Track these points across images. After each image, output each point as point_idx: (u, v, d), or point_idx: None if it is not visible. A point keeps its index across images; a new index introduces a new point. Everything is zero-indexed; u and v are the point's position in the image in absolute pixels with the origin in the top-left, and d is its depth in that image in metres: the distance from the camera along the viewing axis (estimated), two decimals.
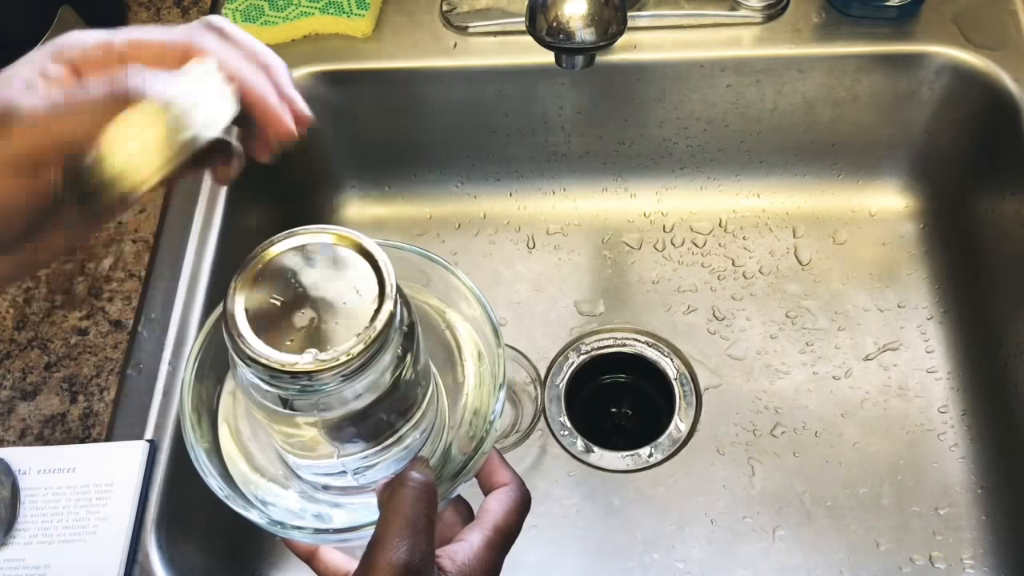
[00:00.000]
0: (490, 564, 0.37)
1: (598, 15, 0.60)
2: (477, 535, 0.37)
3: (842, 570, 0.66)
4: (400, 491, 0.35)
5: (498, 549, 0.38)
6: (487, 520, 0.38)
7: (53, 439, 0.59)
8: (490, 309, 0.40)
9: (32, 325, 0.63)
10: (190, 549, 0.60)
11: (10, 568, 0.54)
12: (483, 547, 0.37)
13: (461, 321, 0.41)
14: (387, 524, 0.34)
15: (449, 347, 0.41)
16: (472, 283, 0.40)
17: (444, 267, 0.41)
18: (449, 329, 0.41)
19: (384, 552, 0.33)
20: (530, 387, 0.72)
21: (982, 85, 0.70)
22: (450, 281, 0.41)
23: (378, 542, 0.34)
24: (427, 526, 0.35)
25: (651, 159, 0.81)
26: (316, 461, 0.37)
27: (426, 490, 0.35)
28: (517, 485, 0.40)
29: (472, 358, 0.41)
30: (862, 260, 0.78)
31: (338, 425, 0.34)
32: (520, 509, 0.39)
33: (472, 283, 0.40)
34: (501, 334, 0.39)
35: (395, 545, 0.33)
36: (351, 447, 0.36)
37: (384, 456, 0.37)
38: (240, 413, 0.39)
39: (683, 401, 0.73)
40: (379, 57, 0.73)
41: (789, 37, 0.72)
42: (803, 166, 0.80)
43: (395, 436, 0.37)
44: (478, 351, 0.41)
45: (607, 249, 0.81)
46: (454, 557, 0.36)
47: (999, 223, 0.72)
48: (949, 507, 0.67)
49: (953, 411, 0.71)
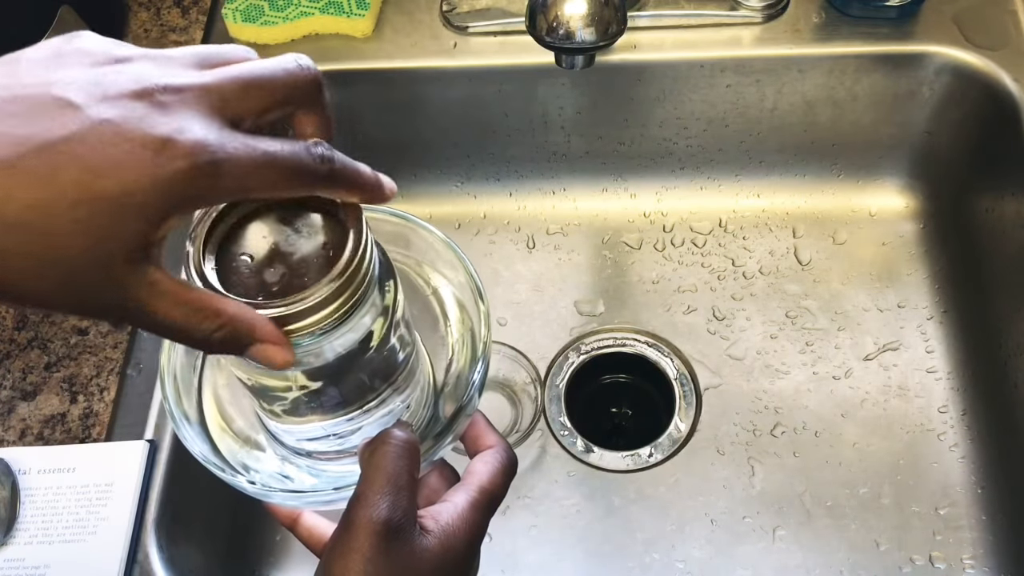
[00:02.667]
0: (475, 524, 0.36)
1: (598, 15, 0.60)
2: (462, 495, 0.36)
3: (842, 570, 0.66)
4: (381, 448, 0.34)
5: (483, 510, 0.36)
6: (472, 481, 0.37)
7: (53, 439, 0.59)
8: (474, 271, 0.39)
9: (32, 325, 0.63)
10: (190, 549, 0.60)
11: (10, 568, 0.54)
12: (468, 507, 0.36)
13: (445, 284, 0.41)
14: (368, 481, 0.34)
15: (433, 310, 0.41)
16: (456, 245, 0.40)
17: (426, 230, 0.40)
18: (433, 293, 0.41)
19: (364, 509, 0.33)
20: (530, 387, 0.72)
21: (982, 85, 0.70)
22: (433, 245, 0.40)
23: (358, 499, 0.33)
24: (409, 483, 0.34)
25: (651, 159, 0.81)
26: (298, 426, 0.37)
27: (408, 448, 0.35)
28: (503, 447, 0.39)
29: (457, 321, 0.40)
30: (862, 260, 0.78)
31: (319, 389, 0.34)
32: (506, 471, 0.38)
33: (456, 245, 0.40)
34: (485, 295, 0.39)
35: (376, 502, 0.33)
36: (333, 411, 0.36)
37: (366, 420, 0.36)
38: (221, 381, 0.39)
39: (683, 401, 0.73)
40: (379, 57, 0.73)
41: (789, 37, 0.72)
42: (803, 166, 0.80)
43: (377, 399, 0.36)
44: (463, 314, 0.40)
45: (607, 249, 0.81)
46: (437, 517, 0.35)
47: (999, 223, 0.72)
48: (949, 507, 0.67)
49: (953, 411, 0.71)
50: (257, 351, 0.29)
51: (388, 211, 0.40)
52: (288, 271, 0.31)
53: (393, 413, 0.37)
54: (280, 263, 0.31)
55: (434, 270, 0.41)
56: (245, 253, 0.31)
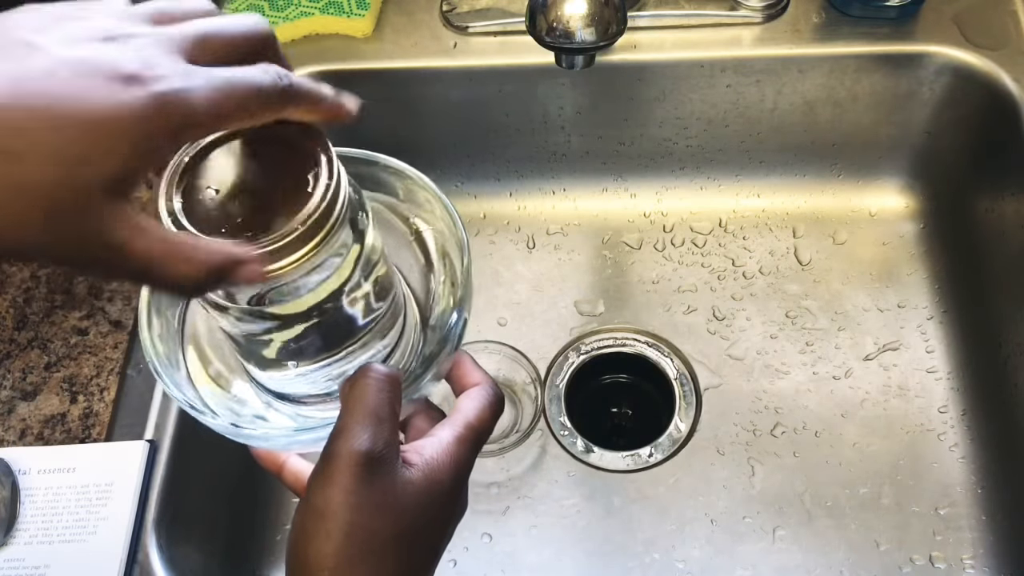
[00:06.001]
0: (461, 459, 0.35)
1: (598, 15, 0.60)
2: (447, 430, 0.36)
3: (842, 570, 0.66)
4: (362, 382, 0.33)
5: (469, 445, 0.36)
6: (458, 417, 0.36)
7: (53, 439, 0.59)
8: (453, 211, 0.39)
9: (32, 325, 0.63)
10: (190, 549, 0.60)
11: (10, 568, 0.54)
12: (453, 441, 0.35)
13: (426, 227, 0.40)
14: (348, 413, 0.33)
15: (416, 254, 0.40)
16: (436, 188, 0.39)
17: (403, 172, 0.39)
18: (416, 236, 0.40)
19: (345, 441, 0.32)
20: (530, 387, 0.72)
21: (982, 85, 0.70)
22: (411, 187, 0.39)
23: (339, 432, 0.33)
24: (391, 415, 0.33)
25: (651, 159, 0.81)
26: (281, 372, 0.36)
27: (390, 381, 0.34)
28: (489, 384, 0.38)
29: (440, 265, 0.40)
30: (862, 260, 0.78)
31: (300, 335, 0.34)
32: (493, 407, 0.37)
33: (436, 188, 0.39)
34: (466, 236, 0.38)
35: (357, 434, 0.32)
36: (315, 356, 0.35)
37: (348, 365, 0.36)
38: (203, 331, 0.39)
39: (683, 401, 0.73)
40: (379, 57, 0.73)
41: (789, 37, 0.72)
42: (803, 166, 0.80)
43: (359, 343, 0.36)
44: (445, 255, 0.40)
45: (607, 249, 0.81)
46: (421, 451, 0.34)
47: (999, 223, 0.72)
48: (949, 507, 0.67)
49: (953, 411, 0.71)
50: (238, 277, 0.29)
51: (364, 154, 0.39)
52: (255, 204, 0.30)
53: (376, 358, 0.37)
54: (247, 197, 0.30)
55: (416, 214, 0.40)
56: (211, 186, 0.30)
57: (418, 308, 0.40)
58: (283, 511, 0.70)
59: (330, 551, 0.32)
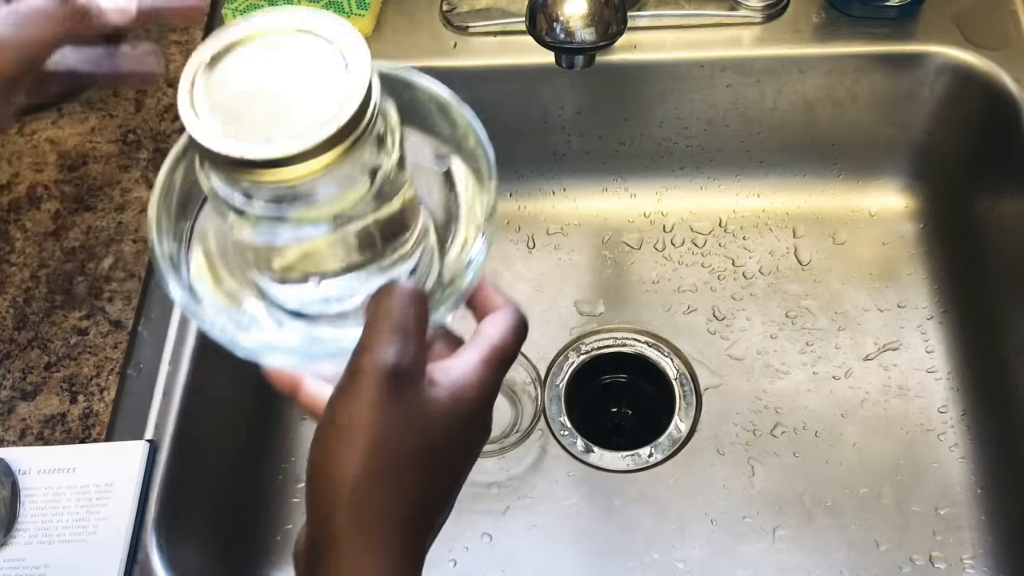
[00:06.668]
0: (487, 381, 0.34)
1: (598, 15, 0.60)
2: (472, 352, 0.34)
3: (842, 570, 0.66)
4: (388, 297, 0.32)
5: (495, 367, 0.34)
6: (482, 340, 0.35)
7: (53, 439, 0.59)
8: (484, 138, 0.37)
9: (32, 325, 0.63)
10: (190, 549, 0.60)
11: (10, 568, 0.54)
12: (479, 362, 0.34)
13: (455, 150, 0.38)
14: (373, 328, 0.31)
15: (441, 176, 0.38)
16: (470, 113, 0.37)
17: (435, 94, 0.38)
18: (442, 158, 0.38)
19: (370, 354, 0.31)
20: (530, 387, 0.72)
21: (982, 85, 0.70)
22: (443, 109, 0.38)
23: (363, 346, 0.31)
24: (417, 332, 0.32)
25: (651, 159, 0.81)
26: (296, 288, 0.35)
27: (417, 297, 0.32)
28: (513, 308, 0.37)
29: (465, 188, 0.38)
30: (862, 260, 0.78)
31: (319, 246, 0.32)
32: (518, 330, 0.36)
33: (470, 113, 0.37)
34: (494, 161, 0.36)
35: (382, 348, 0.31)
36: (333, 271, 0.34)
37: (368, 285, 0.35)
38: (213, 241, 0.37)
39: (683, 401, 0.73)
40: (379, 57, 0.72)
41: (789, 37, 0.72)
42: (803, 166, 0.80)
43: (379, 260, 0.34)
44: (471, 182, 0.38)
45: (607, 249, 0.81)
46: (447, 371, 0.33)
47: (999, 223, 0.72)
48: (949, 507, 0.67)
49: (953, 411, 0.71)
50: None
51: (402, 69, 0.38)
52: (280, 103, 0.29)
53: (397, 277, 0.35)
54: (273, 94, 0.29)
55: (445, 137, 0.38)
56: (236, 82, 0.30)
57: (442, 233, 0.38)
58: (283, 511, 0.70)
59: (354, 466, 0.31)
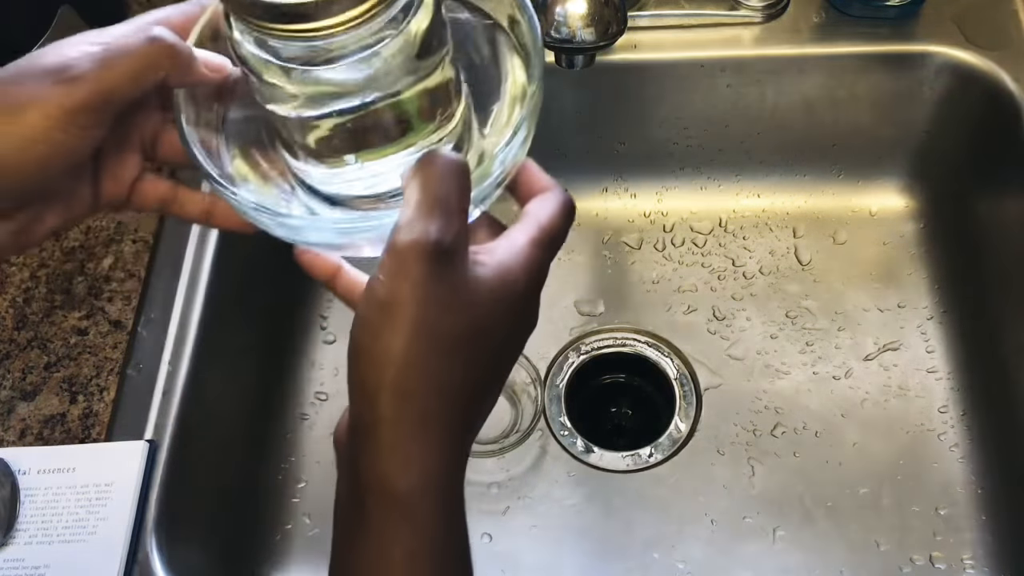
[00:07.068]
0: (535, 262, 0.32)
1: (598, 15, 0.60)
2: (519, 233, 0.32)
3: (842, 570, 0.66)
4: (428, 168, 0.30)
5: (544, 248, 0.32)
6: (529, 220, 0.33)
7: (53, 439, 0.59)
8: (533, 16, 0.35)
9: (32, 325, 0.63)
10: (190, 549, 0.60)
11: (10, 568, 0.54)
12: (527, 243, 0.32)
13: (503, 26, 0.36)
14: (414, 203, 0.29)
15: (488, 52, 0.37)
16: None
17: None
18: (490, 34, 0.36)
19: (411, 231, 0.29)
20: (530, 387, 0.72)
21: (982, 85, 0.70)
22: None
23: (403, 223, 0.29)
24: (460, 207, 0.30)
25: (651, 159, 0.81)
26: (331, 167, 0.34)
27: (459, 168, 0.30)
28: (560, 189, 0.35)
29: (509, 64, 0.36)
30: (862, 260, 0.78)
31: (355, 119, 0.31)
32: (566, 212, 0.34)
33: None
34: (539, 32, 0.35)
35: (424, 224, 0.29)
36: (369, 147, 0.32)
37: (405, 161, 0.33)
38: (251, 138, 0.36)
39: (683, 401, 0.73)
40: None
41: (789, 37, 0.72)
42: (803, 166, 0.80)
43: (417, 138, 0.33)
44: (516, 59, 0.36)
45: (607, 249, 0.81)
46: (493, 251, 0.31)
47: (999, 223, 0.72)
48: (949, 507, 0.67)
49: (953, 411, 0.71)
50: None
51: None
52: None
53: None
54: None
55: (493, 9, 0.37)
56: None
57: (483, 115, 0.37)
58: (283, 511, 0.70)
59: (399, 346, 0.29)
